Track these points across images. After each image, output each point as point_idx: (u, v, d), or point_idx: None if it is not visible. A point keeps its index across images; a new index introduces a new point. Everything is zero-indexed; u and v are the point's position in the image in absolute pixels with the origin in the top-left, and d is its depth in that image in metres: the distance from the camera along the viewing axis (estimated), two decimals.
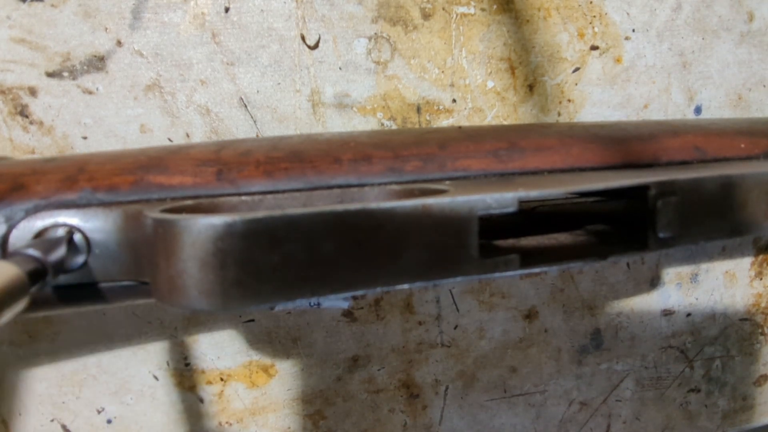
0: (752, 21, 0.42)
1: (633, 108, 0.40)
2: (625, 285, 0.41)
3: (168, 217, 0.17)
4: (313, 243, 0.17)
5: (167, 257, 0.17)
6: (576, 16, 0.38)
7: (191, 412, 0.35)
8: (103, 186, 0.20)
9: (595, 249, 0.23)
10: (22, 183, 0.20)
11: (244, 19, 0.33)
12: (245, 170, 0.21)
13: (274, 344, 0.36)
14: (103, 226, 0.20)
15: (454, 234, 0.19)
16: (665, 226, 0.22)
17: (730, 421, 0.46)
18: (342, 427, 0.38)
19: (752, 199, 0.25)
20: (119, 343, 0.34)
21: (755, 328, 0.45)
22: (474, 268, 0.19)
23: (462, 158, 0.24)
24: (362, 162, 0.23)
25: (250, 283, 0.17)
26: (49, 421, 0.33)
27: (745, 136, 0.30)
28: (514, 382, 0.40)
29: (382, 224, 0.18)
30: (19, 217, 0.19)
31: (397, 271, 0.18)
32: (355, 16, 0.34)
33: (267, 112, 0.34)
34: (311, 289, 0.17)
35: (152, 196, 0.21)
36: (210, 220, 0.16)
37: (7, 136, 0.31)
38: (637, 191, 0.22)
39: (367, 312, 0.37)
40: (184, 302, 0.17)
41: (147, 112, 0.32)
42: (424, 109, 0.36)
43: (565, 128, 0.28)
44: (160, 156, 0.22)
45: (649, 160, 0.27)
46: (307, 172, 0.22)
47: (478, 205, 0.19)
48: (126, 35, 0.31)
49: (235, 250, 0.16)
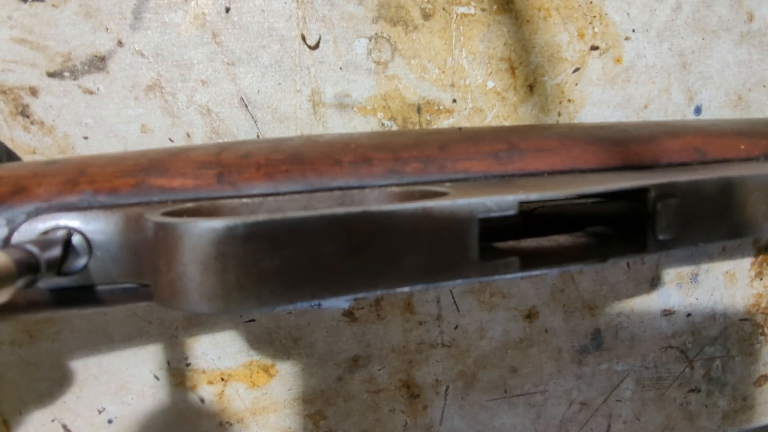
0: (752, 21, 0.42)
1: (633, 108, 0.40)
2: (626, 285, 0.41)
3: (169, 221, 0.17)
4: (313, 246, 0.17)
5: (168, 260, 0.17)
6: (576, 16, 0.38)
7: (192, 412, 0.35)
8: (104, 188, 0.20)
9: (594, 251, 0.23)
10: (24, 186, 0.20)
11: (244, 19, 0.33)
12: (246, 172, 0.21)
13: (275, 344, 0.36)
14: (105, 229, 0.20)
15: (454, 237, 0.19)
16: (665, 229, 0.22)
17: (731, 421, 0.46)
18: (342, 427, 0.38)
19: (752, 201, 0.25)
20: (120, 343, 0.34)
21: (755, 328, 0.45)
22: (474, 271, 0.19)
23: (462, 160, 0.24)
24: (362, 164, 0.23)
25: (251, 286, 0.17)
26: (50, 420, 0.33)
27: (744, 137, 0.30)
28: (515, 382, 0.40)
29: (382, 227, 0.18)
30: (20, 220, 0.19)
31: (397, 274, 0.18)
32: (355, 16, 0.34)
33: (267, 112, 0.34)
34: (312, 291, 0.17)
35: (153, 198, 0.21)
36: (211, 223, 0.16)
37: (8, 136, 0.31)
38: (637, 193, 0.22)
39: (368, 312, 0.37)
40: (185, 305, 0.17)
41: (148, 112, 0.32)
42: (425, 109, 0.36)
43: (565, 129, 0.28)
44: (160, 158, 0.22)
45: (649, 162, 0.27)
46: (308, 174, 0.22)
47: (479, 208, 0.19)
48: (127, 35, 0.31)
49: (236, 254, 0.16)
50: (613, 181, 0.23)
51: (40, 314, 0.21)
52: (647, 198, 0.22)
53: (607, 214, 0.26)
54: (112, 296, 0.20)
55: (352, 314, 0.37)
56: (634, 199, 0.22)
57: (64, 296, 0.20)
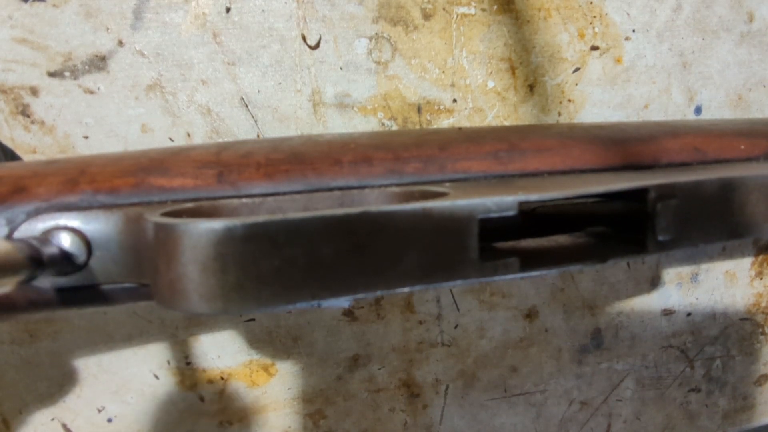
0: (752, 21, 0.42)
1: (633, 108, 0.40)
2: (626, 285, 0.41)
3: (168, 221, 0.17)
4: (313, 246, 0.17)
5: (168, 261, 0.17)
6: (576, 16, 0.38)
7: (192, 411, 0.35)
8: (104, 188, 0.20)
9: (594, 251, 0.23)
10: (24, 185, 0.20)
11: (245, 19, 0.33)
12: (246, 172, 0.21)
13: (275, 343, 0.36)
14: (104, 229, 0.20)
15: (454, 237, 0.19)
16: (664, 229, 0.22)
17: (731, 420, 0.46)
18: (342, 426, 0.38)
19: (752, 202, 0.25)
20: (120, 343, 0.34)
21: (756, 328, 0.45)
22: (474, 272, 0.19)
23: (462, 160, 0.24)
24: (362, 164, 0.23)
25: (251, 287, 0.17)
26: (50, 420, 0.33)
27: (745, 137, 0.30)
28: (515, 381, 0.40)
29: (382, 227, 0.18)
30: (20, 220, 0.19)
31: (397, 274, 0.18)
32: (355, 16, 0.34)
33: (268, 112, 0.34)
34: (311, 292, 0.17)
35: (153, 198, 0.21)
36: (210, 224, 0.16)
37: (8, 135, 0.31)
38: (637, 194, 0.22)
39: (368, 311, 0.37)
40: (185, 306, 0.17)
41: (148, 111, 0.32)
42: (425, 109, 0.36)
43: (565, 129, 0.28)
44: (160, 158, 0.22)
45: (649, 162, 0.27)
46: (308, 174, 0.22)
47: (479, 209, 0.19)
48: (127, 35, 0.31)
49: (236, 254, 0.16)
50: (613, 181, 0.23)
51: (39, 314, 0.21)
52: (647, 198, 0.22)
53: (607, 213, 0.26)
54: (112, 296, 0.20)
55: (352, 313, 0.37)
56: (634, 199, 0.22)
57: (63, 296, 0.20)
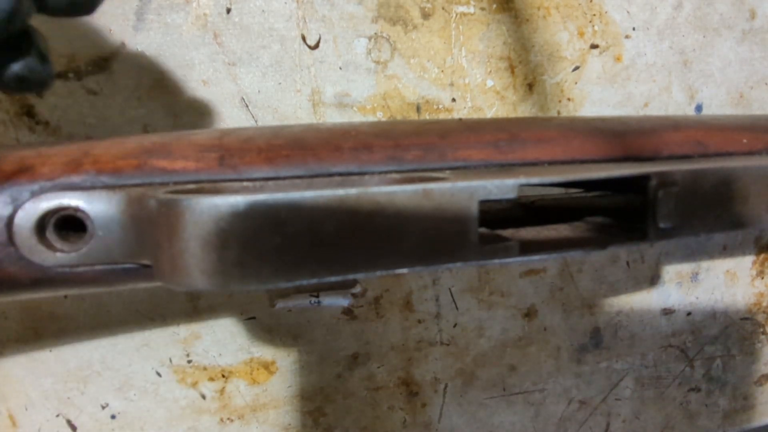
0: (754, 19, 0.42)
1: (633, 107, 0.40)
2: (625, 284, 0.41)
3: (172, 197, 0.17)
4: (314, 225, 0.17)
5: (170, 236, 0.17)
6: (576, 14, 0.38)
7: (193, 408, 0.36)
8: (108, 169, 0.20)
9: (594, 239, 0.23)
10: (28, 165, 0.20)
11: (245, 19, 0.33)
12: (247, 156, 0.22)
13: (275, 341, 0.36)
14: (107, 209, 0.20)
15: (454, 219, 0.19)
16: (665, 217, 0.22)
17: (731, 420, 0.46)
18: (342, 424, 0.38)
19: (754, 192, 0.25)
20: (123, 340, 0.34)
21: (756, 328, 0.45)
22: (473, 254, 0.19)
23: (462, 148, 0.24)
24: (363, 150, 0.23)
25: (252, 264, 0.17)
26: (55, 416, 0.34)
27: (747, 131, 0.30)
28: (513, 380, 0.41)
29: (383, 208, 0.18)
30: (24, 198, 0.19)
31: (397, 255, 0.18)
32: (355, 16, 0.35)
33: (268, 111, 0.34)
34: (311, 270, 0.17)
35: (155, 179, 0.21)
36: (213, 200, 0.16)
37: (13, 136, 0.31)
38: (638, 181, 0.22)
39: (367, 310, 0.37)
40: (185, 282, 0.17)
41: (150, 112, 0.32)
42: (424, 109, 0.36)
43: (566, 121, 0.28)
44: (163, 141, 0.22)
45: (651, 154, 0.27)
46: (308, 160, 0.22)
47: (479, 191, 0.19)
48: (130, 36, 0.32)
49: (238, 231, 0.16)
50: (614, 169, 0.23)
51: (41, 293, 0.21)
52: (648, 186, 0.22)
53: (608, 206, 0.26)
54: (113, 276, 0.21)
55: (352, 312, 0.37)
56: (635, 189, 0.22)
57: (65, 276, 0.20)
